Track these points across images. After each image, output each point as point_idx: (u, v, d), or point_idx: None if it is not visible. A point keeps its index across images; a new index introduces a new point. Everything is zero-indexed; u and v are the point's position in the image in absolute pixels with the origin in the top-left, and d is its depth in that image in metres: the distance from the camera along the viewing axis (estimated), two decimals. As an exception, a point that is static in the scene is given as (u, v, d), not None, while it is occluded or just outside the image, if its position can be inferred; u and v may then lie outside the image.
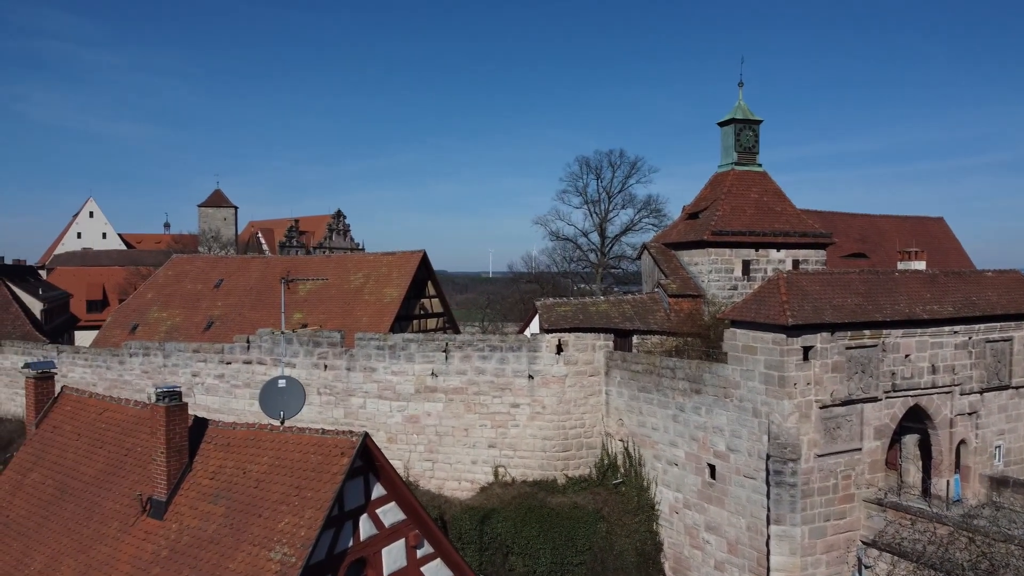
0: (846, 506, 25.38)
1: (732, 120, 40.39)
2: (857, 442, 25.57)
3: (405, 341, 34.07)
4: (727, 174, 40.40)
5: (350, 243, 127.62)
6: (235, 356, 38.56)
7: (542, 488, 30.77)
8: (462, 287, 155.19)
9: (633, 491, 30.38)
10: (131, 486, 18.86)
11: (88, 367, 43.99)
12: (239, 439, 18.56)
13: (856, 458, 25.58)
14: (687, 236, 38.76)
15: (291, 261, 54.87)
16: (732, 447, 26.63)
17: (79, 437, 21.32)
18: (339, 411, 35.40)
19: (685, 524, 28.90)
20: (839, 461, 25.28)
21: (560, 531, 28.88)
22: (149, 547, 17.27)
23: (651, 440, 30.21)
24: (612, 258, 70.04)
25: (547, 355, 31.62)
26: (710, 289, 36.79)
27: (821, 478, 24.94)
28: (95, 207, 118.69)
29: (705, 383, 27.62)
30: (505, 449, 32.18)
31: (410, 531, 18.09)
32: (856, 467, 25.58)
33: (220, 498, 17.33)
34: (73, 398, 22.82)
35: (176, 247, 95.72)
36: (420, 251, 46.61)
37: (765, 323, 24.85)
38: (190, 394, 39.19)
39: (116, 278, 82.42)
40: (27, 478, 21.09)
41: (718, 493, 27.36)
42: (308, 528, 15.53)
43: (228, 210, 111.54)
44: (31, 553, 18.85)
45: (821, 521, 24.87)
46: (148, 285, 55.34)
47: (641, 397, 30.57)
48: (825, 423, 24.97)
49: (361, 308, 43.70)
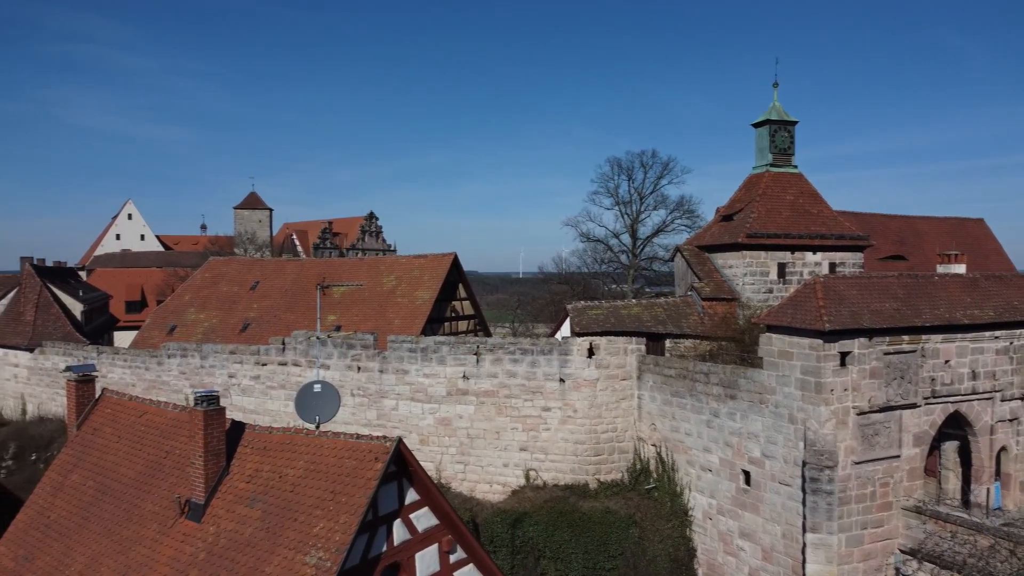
0: (884, 514, 24.98)
1: (767, 121, 39.92)
2: (895, 449, 25.16)
3: (437, 344, 34.22)
4: (762, 176, 39.94)
5: (382, 244, 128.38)
6: (270, 358, 39.05)
7: (574, 492, 30.71)
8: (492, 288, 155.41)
9: (666, 496, 30.19)
10: (170, 488, 19.17)
11: (127, 368, 44.85)
12: (275, 443, 18.76)
13: (894, 465, 25.16)
14: (721, 238, 38.39)
15: (325, 264, 55.40)
16: (767, 453, 26.34)
17: (119, 439, 21.71)
18: (372, 413, 35.67)
19: (719, 530, 28.65)
20: (877, 468, 24.88)
21: (592, 536, 28.79)
22: (187, 549, 17.54)
23: (684, 445, 29.99)
24: (644, 259, 69.51)
25: (578, 358, 31.54)
26: (745, 292, 36.41)
27: (858, 486, 24.56)
28: (134, 209, 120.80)
29: (740, 388, 27.35)
30: (536, 452, 32.17)
31: (443, 536, 18.15)
32: (894, 475, 25.17)
33: (256, 501, 17.54)
34: (113, 400, 23.25)
35: (212, 249, 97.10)
36: (451, 254, 46.78)
37: (801, 328, 24.55)
38: (226, 395, 39.78)
39: (154, 279, 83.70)
40: (68, 479, 21.54)
41: (753, 500, 27.08)
42: (343, 533, 15.66)
43: (263, 212, 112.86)
44: (72, 554, 19.25)
45: (858, 529, 24.50)
46: (186, 287, 56.25)
47: (674, 402, 30.36)
48: (863, 430, 24.60)
49: (393, 310, 43.99)
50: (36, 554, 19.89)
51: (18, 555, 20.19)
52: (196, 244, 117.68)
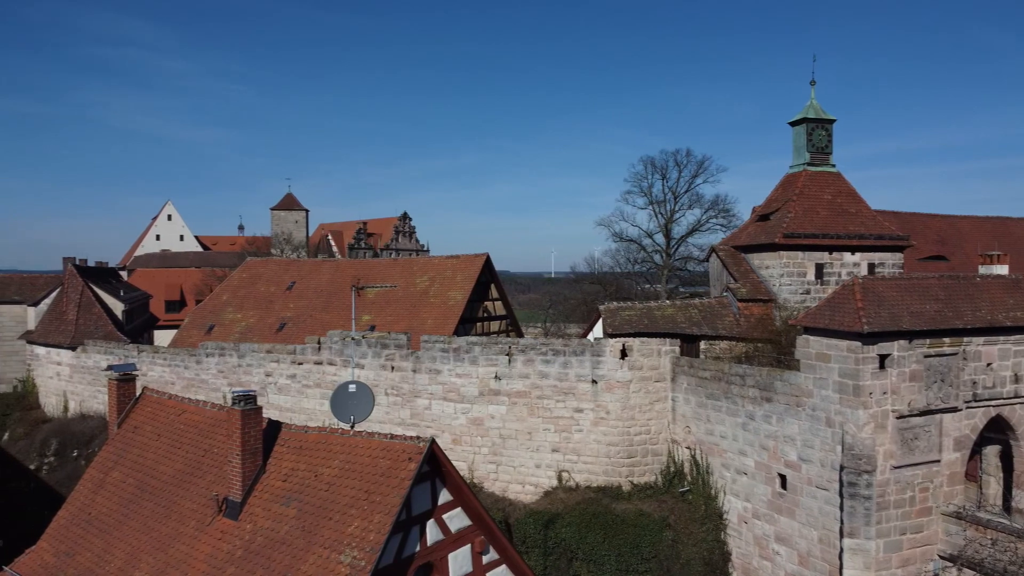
0: (923, 519, 24.54)
1: (804, 119, 39.36)
2: (935, 454, 24.69)
3: (469, 344, 34.32)
4: (799, 175, 39.41)
5: (415, 244, 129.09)
6: (306, 357, 39.48)
7: (607, 494, 30.58)
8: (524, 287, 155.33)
9: (700, 500, 29.92)
10: (208, 486, 19.48)
11: (167, 366, 45.65)
12: (311, 442, 18.98)
13: (934, 470, 24.70)
14: (757, 239, 37.95)
15: (360, 264, 55.86)
16: (804, 457, 26.00)
17: (159, 437, 22.12)
18: (405, 412, 35.88)
19: (754, 534, 28.34)
20: (916, 473, 24.44)
21: (625, 538, 28.66)
22: (224, 547, 17.82)
23: (719, 448, 29.71)
24: (678, 259, 68.95)
25: (611, 360, 31.40)
26: (781, 293, 35.95)
27: (897, 490, 24.15)
28: (173, 210, 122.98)
29: (776, 391, 27.03)
30: (569, 454, 32.10)
31: (476, 537, 18.22)
32: (934, 479, 24.70)
33: (292, 500, 17.76)
34: (153, 399, 23.70)
35: (250, 249, 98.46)
36: (483, 254, 46.91)
37: (839, 330, 24.20)
38: (263, 394, 40.30)
39: (193, 279, 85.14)
40: (109, 476, 22.00)
41: (789, 504, 26.75)
42: (377, 532, 15.78)
43: (299, 213, 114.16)
44: (112, 550, 19.65)
45: (897, 535, 24.09)
46: (224, 287, 57.10)
47: (709, 404, 30.10)
48: (902, 434, 24.17)
49: (426, 310, 44.22)
50: (77, 550, 20.35)
51: (59, 551, 20.68)
52: (234, 244, 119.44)
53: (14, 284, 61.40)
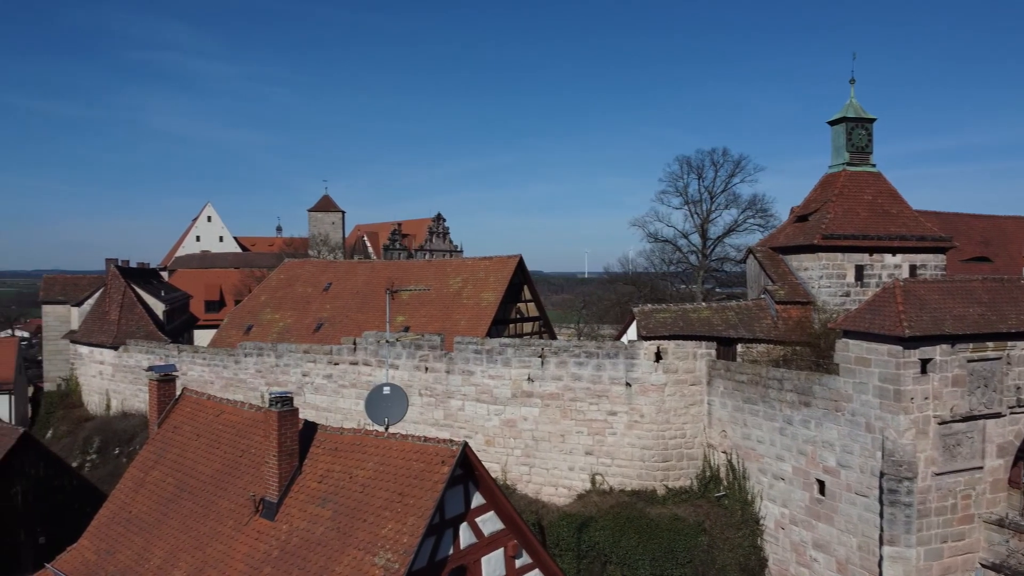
0: (965, 527, 24.02)
1: (843, 119, 38.69)
2: (978, 460, 24.13)
3: (502, 346, 34.35)
4: (838, 175, 38.75)
5: (449, 245, 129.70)
6: (342, 357, 39.88)
7: (641, 498, 30.37)
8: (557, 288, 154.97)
9: (736, 505, 29.58)
10: (245, 486, 19.73)
11: (206, 366, 46.45)
12: (346, 444, 19.12)
13: (977, 477, 24.14)
14: (796, 240, 37.41)
15: (394, 266, 56.27)
16: (843, 463, 25.57)
17: (198, 437, 22.47)
18: (439, 412, 36.04)
19: (791, 541, 27.94)
20: (958, 480, 23.92)
21: (660, 542, 28.44)
22: (261, 546, 18.03)
23: (756, 453, 29.34)
24: (714, 260, 68.14)
25: (645, 363, 31.18)
26: (820, 296, 35.39)
27: (939, 498, 23.65)
28: (213, 212, 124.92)
29: (815, 395, 26.62)
30: (602, 457, 31.94)
31: (509, 541, 18.19)
32: (976, 486, 24.15)
33: (328, 501, 17.91)
34: (192, 400, 24.08)
35: (287, 250, 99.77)
36: (516, 256, 46.90)
37: (880, 334, 23.76)
38: (300, 393, 40.79)
39: (232, 280, 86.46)
40: (149, 475, 22.40)
41: (827, 510, 26.33)
42: (410, 535, 15.85)
43: (336, 214, 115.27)
44: (151, 548, 20.01)
45: (938, 543, 23.59)
46: (262, 288, 57.90)
47: (746, 408, 29.74)
48: (944, 440, 23.66)
49: (460, 312, 44.36)
50: (117, 548, 20.74)
51: (100, 549, 21.10)
52: (272, 245, 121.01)
53: (58, 284, 62.98)
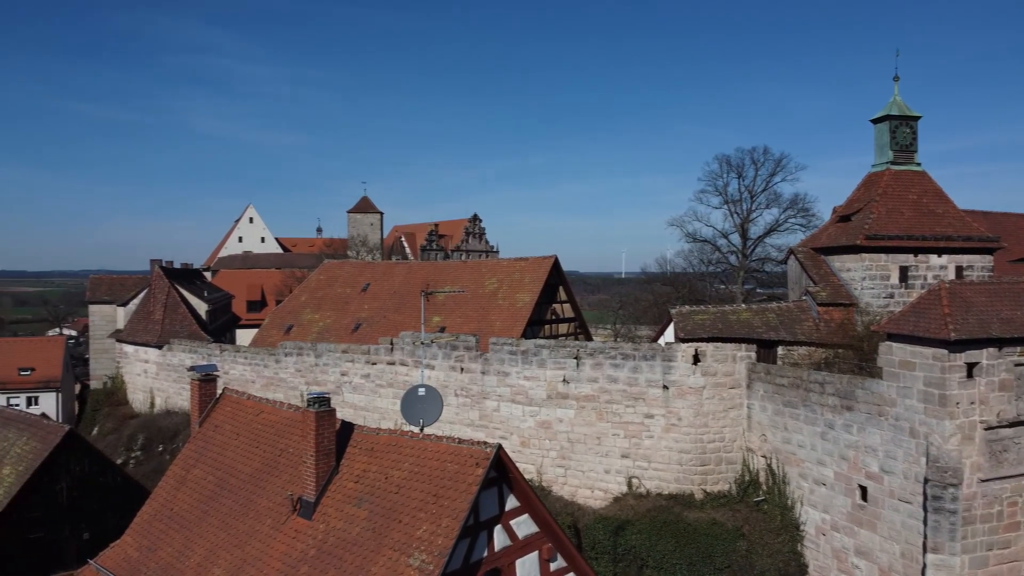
0: (1011, 535, 23.39)
1: (887, 117, 37.85)
2: (1028, 467, 23.44)
3: (537, 347, 34.26)
4: (882, 174, 37.94)
5: (485, 246, 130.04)
6: (379, 357, 40.18)
7: (678, 502, 30.04)
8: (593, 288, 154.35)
9: (776, 510, 29.10)
10: (283, 486, 19.95)
11: (247, 365, 47.16)
12: (382, 444, 19.23)
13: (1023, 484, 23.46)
14: (838, 240, 36.72)
15: (431, 267, 56.53)
16: (886, 468, 25.02)
17: (237, 436, 22.79)
18: (474, 413, 36.10)
19: (832, 547, 27.41)
20: (1005, 487, 23.29)
21: (697, 547, 28.11)
22: (298, 546, 18.22)
23: (796, 458, 28.84)
24: (754, 260, 67.18)
25: (683, 365, 30.83)
26: (863, 297, 34.68)
27: (984, 505, 23.05)
28: (254, 213, 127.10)
29: (857, 399, 26.09)
30: (639, 460, 31.67)
31: (543, 544, 18.12)
32: (1023, 494, 23.46)
33: (364, 502, 18.03)
34: (232, 399, 24.45)
35: (327, 251, 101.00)
36: (552, 256, 46.76)
37: (925, 337, 23.19)
38: (339, 392, 41.20)
39: (273, 280, 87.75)
40: (190, 473, 22.79)
41: (870, 516, 25.79)
42: (445, 537, 15.87)
43: (374, 215, 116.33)
44: (191, 545, 20.35)
45: (983, 551, 22.99)
46: (302, 288, 58.66)
47: (786, 412, 29.25)
48: (990, 446, 23.03)
49: (495, 313, 44.38)
50: (159, 544, 21.14)
51: (142, 545, 21.53)
52: (312, 246, 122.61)
53: (104, 285, 64.51)
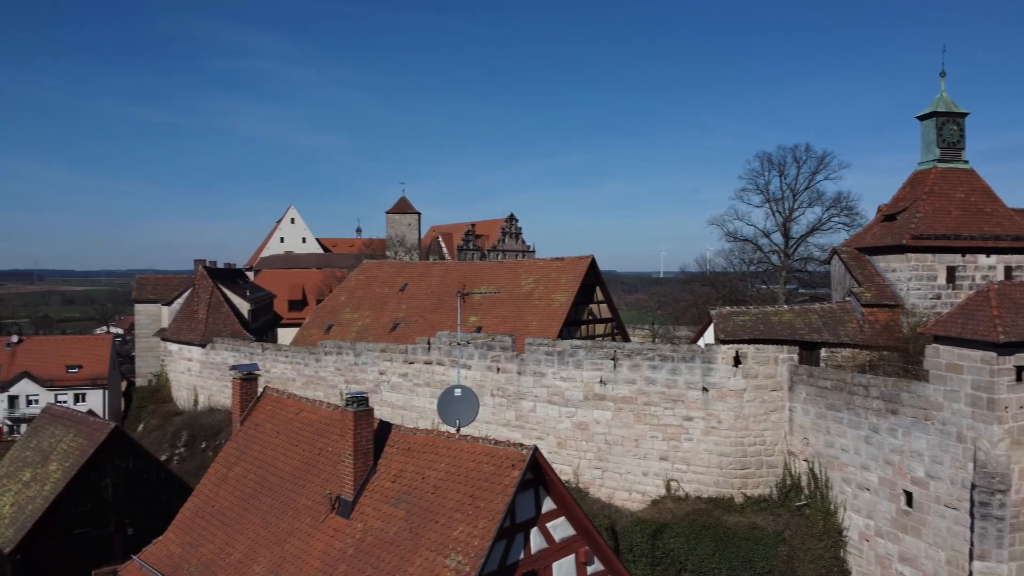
0: (1064, 544, 22.59)
1: (933, 113, 36.99)
2: (1082, 475, 22.63)
3: (573, 347, 34.10)
4: (928, 172, 37.07)
5: (521, 245, 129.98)
6: (417, 357, 40.40)
7: (717, 505, 29.67)
8: (631, 288, 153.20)
9: (818, 515, 28.56)
10: (322, 484, 20.15)
11: (288, 364, 47.82)
12: (419, 444, 19.30)
13: (1079, 492, 22.64)
14: (883, 240, 35.96)
15: (467, 267, 56.66)
16: (932, 474, 24.39)
17: (278, 435, 23.08)
18: (511, 413, 36.07)
19: (876, 553, 26.82)
20: (1057, 494, 22.50)
21: (737, 551, 27.73)
22: (337, 544, 18.37)
23: (839, 462, 28.28)
24: (797, 260, 66.05)
25: (723, 367, 30.43)
26: (909, 298, 33.89)
27: (1035, 512, 22.31)
28: (296, 214, 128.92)
29: (903, 403, 25.49)
30: (678, 463, 31.33)
31: (580, 547, 18.00)
32: (1077, 501, 22.68)
33: (401, 502, 18.11)
34: (273, 398, 24.76)
35: (366, 251, 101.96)
36: (588, 256, 46.51)
37: (973, 339, 22.56)
38: (377, 391, 41.54)
39: (314, 280, 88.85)
40: (231, 471, 23.13)
41: (915, 522, 25.17)
42: (481, 538, 15.86)
43: (412, 216, 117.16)
44: (232, 543, 20.64)
45: (1034, 560, 22.26)
46: (342, 288, 59.30)
47: (829, 416, 28.69)
48: (1043, 452, 22.28)
49: (531, 313, 44.30)
50: (201, 541, 21.49)
51: (185, 542, 21.90)
52: (352, 246, 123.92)
53: (150, 284, 66.00)
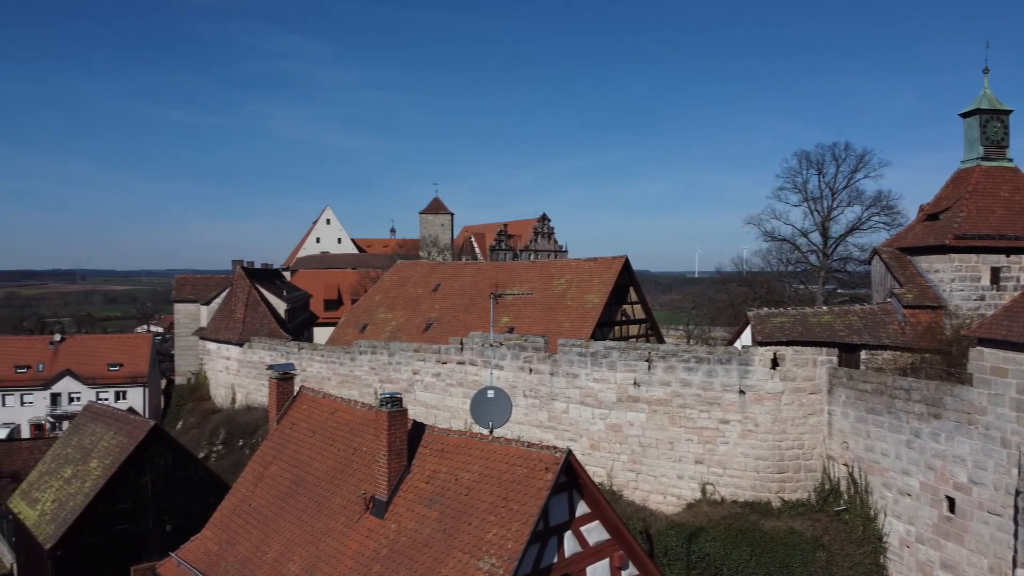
0: (1114, 554, 21.85)
1: (977, 111, 36.06)
2: None
3: (607, 348, 33.87)
4: (972, 170, 36.17)
5: (554, 245, 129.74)
6: (450, 357, 40.49)
7: (754, 510, 29.25)
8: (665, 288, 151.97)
9: (858, 520, 28.01)
10: (357, 484, 20.26)
11: (324, 363, 48.27)
12: (452, 446, 19.32)
13: None
14: (926, 240, 35.17)
15: (500, 267, 56.65)
16: (975, 479, 23.77)
17: (313, 434, 23.27)
18: (543, 414, 35.95)
19: (917, 560, 26.22)
20: (1108, 503, 21.78)
21: (774, 556, 27.30)
22: (371, 544, 18.45)
23: (880, 467, 27.71)
24: (836, 260, 64.92)
25: (761, 370, 29.99)
26: (952, 300, 33.11)
27: (1084, 521, 21.61)
28: (331, 215, 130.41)
29: (945, 407, 24.88)
30: (713, 466, 30.96)
31: (615, 552, 17.86)
32: None
33: (434, 503, 18.13)
34: (309, 398, 24.98)
35: (400, 251, 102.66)
36: (622, 257, 46.15)
37: (1018, 342, 21.92)
38: (411, 391, 41.73)
39: (349, 280, 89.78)
40: (268, 470, 23.37)
41: (957, 529, 24.55)
42: (515, 541, 15.80)
43: (445, 216, 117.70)
44: (268, 541, 20.85)
45: (1083, 570, 21.56)
46: (376, 288, 59.71)
47: (869, 419, 28.13)
48: (1095, 460, 21.58)
49: (563, 313, 44.12)
50: (237, 539, 21.74)
51: (222, 539, 22.17)
52: (386, 247, 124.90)
53: (189, 284, 67.10)
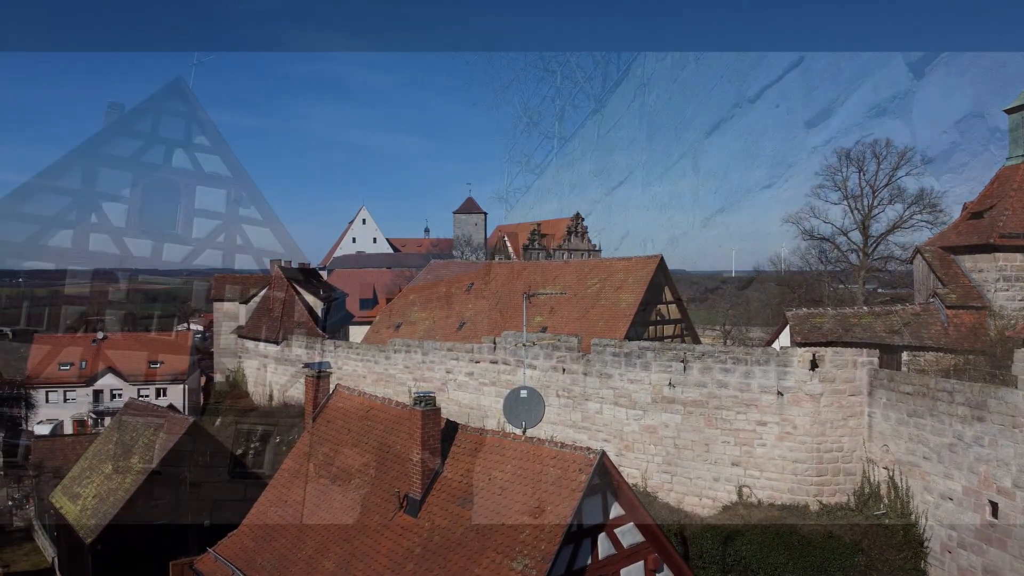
0: None
1: (1022, 106, 35.13)
2: None
3: (641, 349, 33.59)
4: (1018, 168, 35.20)
5: (587, 245, 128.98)
6: (483, 356, 40.54)
7: (791, 513, 28.80)
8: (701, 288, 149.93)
9: (898, 524, 27.43)
10: (391, 482, 20.36)
11: (359, 361, 48.72)
12: (485, 445, 19.32)
13: None
14: (969, 239, 34.33)
15: (533, 266, 56.59)
16: (1020, 484, 23.14)
17: (348, 432, 23.44)
18: (576, 415, 35.80)
19: (959, 565, 25.62)
20: None
21: (812, 560, 26.86)
22: (404, 543, 18.53)
23: (921, 470, 27.12)
24: (877, 259, 63.69)
25: (799, 371, 29.51)
26: (997, 300, 32.26)
27: None
28: (367, 215, 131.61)
29: (989, 410, 24.26)
30: (750, 469, 30.55)
31: (649, 554, 17.71)
32: None
33: (467, 502, 18.15)
34: (344, 396, 25.17)
35: (434, 251, 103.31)
36: (657, 256, 45.72)
37: (1068, 345, 21.32)
38: (444, 389, 41.87)
39: (384, 279, 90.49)
40: (303, 467, 23.59)
41: (1000, 534, 23.94)
42: (548, 542, 15.76)
43: (478, 216, 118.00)
44: (304, 538, 21.05)
45: None
46: (410, 287, 60.16)
47: (911, 422, 27.54)
48: None
49: (597, 313, 43.87)
50: (273, 535, 21.98)
51: (258, 536, 22.44)
52: (420, 247, 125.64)
53: (228, 283, 68.04)
